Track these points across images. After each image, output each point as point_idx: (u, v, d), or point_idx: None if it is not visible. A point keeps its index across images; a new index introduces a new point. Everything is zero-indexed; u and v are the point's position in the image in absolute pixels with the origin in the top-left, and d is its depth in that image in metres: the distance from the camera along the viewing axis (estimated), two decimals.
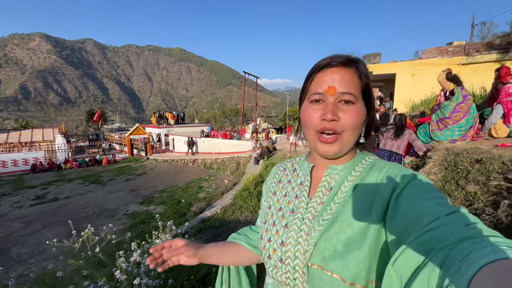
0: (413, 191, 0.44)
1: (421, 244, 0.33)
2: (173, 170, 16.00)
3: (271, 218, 0.66)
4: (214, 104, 55.62)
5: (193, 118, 37.33)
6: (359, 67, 0.57)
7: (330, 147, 0.55)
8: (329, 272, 0.48)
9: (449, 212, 0.36)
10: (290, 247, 0.57)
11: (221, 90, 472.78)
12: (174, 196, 10.77)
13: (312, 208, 0.58)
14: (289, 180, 0.70)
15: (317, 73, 0.58)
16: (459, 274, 0.24)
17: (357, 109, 0.55)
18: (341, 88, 0.54)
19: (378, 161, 0.58)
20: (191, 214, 8.11)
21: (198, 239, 4.88)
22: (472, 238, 0.29)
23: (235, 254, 0.75)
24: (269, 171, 11.06)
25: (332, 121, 0.53)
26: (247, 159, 14.74)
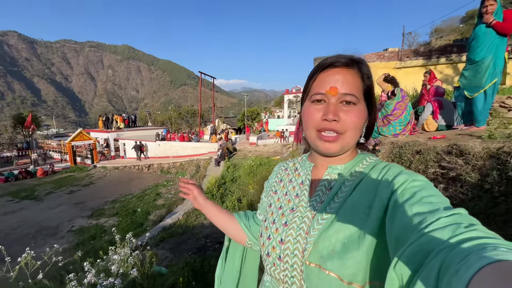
0: (413, 192, 0.44)
1: (421, 246, 0.33)
2: (126, 177, 14.73)
3: (271, 216, 0.66)
4: (169, 105, 52.93)
5: (146, 120, 34.94)
6: (362, 68, 0.57)
7: (331, 145, 0.56)
8: (326, 271, 0.49)
9: (449, 213, 0.36)
10: (289, 245, 0.57)
11: (175, 90, 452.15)
12: (129, 205, 9.93)
13: (311, 207, 0.58)
14: (290, 179, 0.70)
15: (320, 73, 0.58)
16: (458, 276, 0.24)
17: (358, 110, 0.55)
18: (343, 89, 0.54)
19: (378, 161, 0.59)
20: (150, 224, 7.59)
21: (160, 249, 4.58)
22: (471, 240, 0.29)
23: (227, 223, 0.81)
24: (230, 172, 10.98)
25: (333, 121, 0.54)
26: (207, 161, 14.41)
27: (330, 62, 0.57)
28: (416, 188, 0.45)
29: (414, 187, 0.45)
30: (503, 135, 2.30)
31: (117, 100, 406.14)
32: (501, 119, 4.21)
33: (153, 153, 18.27)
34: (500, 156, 1.69)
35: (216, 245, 4.71)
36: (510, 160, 1.59)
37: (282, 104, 34.49)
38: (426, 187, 0.45)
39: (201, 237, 5.13)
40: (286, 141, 17.10)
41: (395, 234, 0.41)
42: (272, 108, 43.96)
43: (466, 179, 1.87)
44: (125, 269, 2.58)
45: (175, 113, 35.43)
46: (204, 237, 5.13)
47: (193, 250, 4.57)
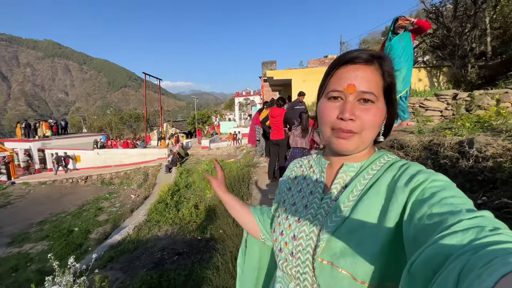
0: (433, 192, 0.42)
1: (441, 247, 0.32)
2: (57, 193, 12.66)
3: (284, 213, 0.65)
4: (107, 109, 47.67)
5: (80, 126, 30.75)
6: (383, 65, 0.55)
7: (346, 143, 0.54)
8: (339, 269, 0.48)
9: (472, 216, 0.34)
10: (301, 241, 0.56)
11: (114, 93, 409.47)
12: (62, 225, 8.58)
13: (325, 204, 0.58)
14: (304, 176, 0.69)
15: (338, 69, 0.55)
16: (480, 281, 0.23)
17: (376, 108, 0.53)
18: (362, 87, 0.52)
19: (397, 160, 0.57)
20: (92, 243, 6.68)
21: (109, 271, 4.04)
22: (496, 244, 0.28)
23: (245, 217, 0.82)
24: (184, 178, 10.48)
25: (350, 120, 0.52)
26: (156, 168, 13.46)
27: (350, 57, 0.54)
28: (436, 188, 0.43)
29: (435, 187, 0.43)
30: (428, 130, 2.75)
31: (40, 103, 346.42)
32: (421, 116, 5.03)
33: (91, 163, 16.15)
34: (432, 147, 2.01)
35: (175, 257, 4.40)
36: (440, 150, 1.91)
37: (232, 106, 34.57)
38: (448, 187, 0.43)
39: (157, 251, 4.73)
40: (239, 143, 17.20)
41: (413, 234, 0.40)
42: (223, 111, 43.71)
43: None
44: None
45: (116, 117, 32.13)
46: (160, 250, 4.75)
47: (149, 265, 4.18)
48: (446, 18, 8.88)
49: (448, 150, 1.85)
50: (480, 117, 2.35)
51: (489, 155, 1.59)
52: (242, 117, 29.99)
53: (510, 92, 4.18)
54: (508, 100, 4.12)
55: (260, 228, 0.79)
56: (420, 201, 0.43)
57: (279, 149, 4.61)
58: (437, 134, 2.29)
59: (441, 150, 1.91)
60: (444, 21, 8.68)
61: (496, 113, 2.63)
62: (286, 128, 4.53)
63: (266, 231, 0.78)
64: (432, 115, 4.95)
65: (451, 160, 1.77)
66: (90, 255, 3.40)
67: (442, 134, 2.23)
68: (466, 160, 1.70)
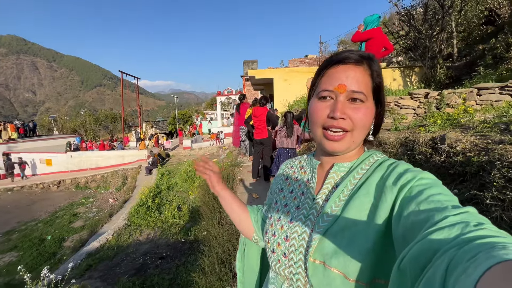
0: (421, 189, 0.44)
1: (428, 243, 0.33)
2: (26, 200, 11.80)
3: (276, 214, 0.66)
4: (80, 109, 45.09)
5: (51, 128, 28.85)
6: (372, 66, 0.56)
7: (336, 144, 0.55)
8: (331, 268, 0.49)
9: (457, 212, 0.36)
10: (294, 242, 0.57)
11: (88, 92, 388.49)
12: (33, 234, 8.02)
13: (317, 204, 0.58)
14: (296, 177, 0.70)
15: (328, 69, 0.56)
16: (466, 275, 0.24)
17: (366, 108, 0.54)
18: (352, 87, 0.53)
19: (386, 159, 0.58)
20: (67, 251, 6.32)
21: (87, 280, 3.84)
22: (481, 238, 0.29)
23: (240, 215, 0.81)
24: (165, 180, 10.20)
25: (340, 119, 0.53)
26: (136, 170, 12.98)
27: (340, 58, 0.55)
28: (424, 186, 0.44)
29: (422, 185, 0.45)
30: (404, 127, 2.90)
31: (5, 104, 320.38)
32: (396, 114, 5.29)
33: (63, 167, 15.23)
34: (408, 144, 2.12)
35: (158, 261, 4.28)
36: (416, 146, 2.02)
37: (214, 106, 34.17)
38: (434, 185, 0.44)
39: (139, 256, 4.57)
40: (222, 143, 17.05)
41: (401, 231, 0.41)
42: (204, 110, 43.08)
43: None
44: None
45: (90, 118, 30.54)
46: (142, 254, 4.59)
47: (131, 272, 4.03)
48: (417, 21, 9.39)
49: (423, 146, 1.96)
50: (450, 114, 2.52)
51: (459, 150, 1.71)
52: (224, 116, 29.75)
53: (475, 91, 4.51)
54: (473, 99, 4.44)
55: (255, 228, 0.79)
56: (408, 198, 0.44)
57: (263, 148, 4.63)
58: (412, 131, 2.42)
59: (416, 146, 2.02)
60: (415, 24, 9.17)
61: (463, 111, 2.83)
62: (269, 127, 4.56)
63: (260, 231, 0.78)
64: (406, 113, 5.22)
65: (425, 155, 1.88)
66: (65, 264, 3.21)
67: (417, 131, 2.37)
68: (439, 155, 1.82)
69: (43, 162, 15.34)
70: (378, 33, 3.53)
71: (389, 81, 9.88)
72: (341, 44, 29.67)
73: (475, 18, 9.10)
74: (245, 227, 0.81)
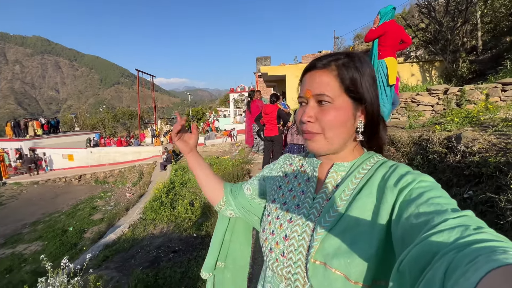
0: (420, 192, 0.44)
1: (428, 246, 0.33)
2: (50, 193, 12.50)
3: (275, 212, 0.65)
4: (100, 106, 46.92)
5: (72, 125, 30.25)
6: (339, 66, 0.56)
7: (312, 143, 0.58)
8: (333, 269, 0.48)
9: (457, 215, 0.36)
10: (293, 242, 0.56)
11: (106, 90, 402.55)
12: (56, 225, 8.50)
13: (317, 204, 0.58)
14: (295, 175, 0.69)
15: (303, 77, 0.61)
16: (465, 278, 0.24)
17: (334, 108, 0.55)
18: (316, 90, 0.56)
19: (386, 160, 0.59)
20: (87, 243, 6.65)
21: (104, 270, 4.03)
22: (480, 242, 0.29)
23: (208, 177, 0.84)
24: (179, 176, 10.43)
25: (308, 122, 0.57)
26: (151, 166, 13.36)
27: (309, 66, 0.59)
28: (423, 188, 0.45)
29: (422, 188, 0.45)
30: (419, 125, 2.79)
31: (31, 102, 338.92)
32: (413, 112, 5.08)
33: (84, 162, 15.97)
34: (422, 143, 2.04)
35: (170, 255, 4.42)
36: (429, 145, 1.94)
37: (227, 103, 34.38)
38: (434, 188, 0.45)
39: (152, 249, 4.73)
40: (235, 139, 17.15)
41: (401, 233, 0.41)
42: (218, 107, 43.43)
43: None
44: None
45: (109, 115, 31.72)
46: (156, 247, 4.75)
47: (145, 264, 4.18)
48: (438, 12, 8.92)
49: (437, 146, 1.88)
50: (469, 112, 2.39)
51: (476, 150, 1.62)
52: (237, 113, 29.89)
53: (499, 86, 4.24)
54: (497, 95, 4.19)
55: (225, 192, 0.81)
56: (408, 201, 0.44)
57: (273, 145, 4.62)
58: (427, 130, 2.33)
59: (430, 145, 1.94)
60: (436, 16, 8.72)
61: (484, 108, 2.68)
62: (279, 124, 4.54)
63: (230, 195, 0.81)
64: (424, 110, 5.01)
65: (439, 155, 1.80)
66: (84, 255, 3.38)
67: (432, 129, 2.27)
68: (454, 155, 1.73)
69: (66, 157, 16.15)
70: (392, 26, 3.38)
71: (407, 76, 9.50)
72: (357, 39, 28.76)
73: (503, 8, 8.51)
74: (211, 189, 0.83)
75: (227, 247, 0.86)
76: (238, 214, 0.82)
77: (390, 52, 3.44)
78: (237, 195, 0.81)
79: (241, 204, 0.80)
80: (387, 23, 3.35)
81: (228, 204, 0.81)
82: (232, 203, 0.81)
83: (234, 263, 0.86)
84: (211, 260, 0.84)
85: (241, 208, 0.80)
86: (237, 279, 0.86)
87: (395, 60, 3.54)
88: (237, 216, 0.83)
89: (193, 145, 0.84)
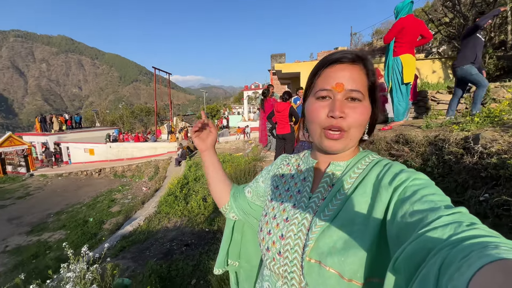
0: (414, 190, 0.44)
1: (422, 243, 0.33)
2: (73, 185, 13.19)
3: (272, 211, 0.65)
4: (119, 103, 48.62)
5: (93, 120, 31.61)
6: (367, 65, 0.57)
7: (335, 143, 0.56)
8: (327, 267, 0.49)
9: (450, 212, 0.37)
10: (289, 241, 0.57)
11: (125, 87, 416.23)
12: (78, 216, 8.95)
13: (313, 203, 0.58)
14: (292, 175, 0.70)
15: (325, 69, 0.57)
16: (459, 273, 0.24)
17: (363, 106, 0.55)
18: (350, 86, 0.54)
19: (380, 159, 0.59)
20: (106, 233, 6.97)
21: (120, 259, 4.23)
22: (473, 238, 0.30)
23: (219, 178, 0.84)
24: (193, 171, 10.64)
25: (340, 118, 0.54)
26: (167, 161, 13.72)
27: (336, 58, 0.56)
28: (417, 186, 0.45)
29: (416, 185, 0.46)
30: (436, 125, 2.69)
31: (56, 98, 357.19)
32: (432, 110, 4.88)
33: (103, 156, 16.67)
34: (437, 143, 1.97)
35: (183, 248, 4.55)
36: (445, 146, 1.87)
37: (241, 100, 34.49)
38: (428, 186, 0.45)
39: (166, 241, 4.89)
40: (248, 137, 17.22)
41: (396, 231, 0.41)
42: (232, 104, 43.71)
43: (412, 164, 2.14)
44: (83, 286, 2.33)
45: (127, 111, 32.81)
46: (169, 240, 4.91)
47: (159, 255, 4.34)
48: (463, 6, 8.46)
49: (453, 146, 1.81)
50: (491, 111, 2.27)
51: (494, 151, 1.55)
52: (251, 111, 29.91)
53: None
54: None
55: (231, 198, 0.82)
56: (402, 199, 0.45)
57: (285, 143, 4.61)
58: (444, 129, 2.24)
59: (446, 146, 1.87)
60: (461, 9, 8.28)
61: (508, 107, 2.54)
62: (291, 122, 4.52)
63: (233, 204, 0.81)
64: (444, 108, 4.79)
65: (455, 156, 1.74)
66: (103, 245, 3.57)
67: (449, 129, 2.18)
68: (471, 156, 1.66)
69: (87, 151, 16.93)
70: (410, 21, 3.25)
71: (427, 73, 9.11)
72: (376, 34, 27.76)
73: None
74: (220, 191, 0.84)
75: (238, 247, 0.87)
76: (239, 216, 0.82)
77: (406, 48, 3.32)
78: (237, 198, 0.81)
79: (241, 207, 0.81)
80: (404, 18, 3.23)
81: (231, 208, 0.82)
82: (233, 205, 0.81)
83: (248, 262, 0.87)
84: (221, 258, 0.85)
85: (241, 211, 0.81)
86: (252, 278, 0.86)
87: (412, 57, 3.41)
88: (239, 219, 0.84)
89: (210, 144, 0.82)
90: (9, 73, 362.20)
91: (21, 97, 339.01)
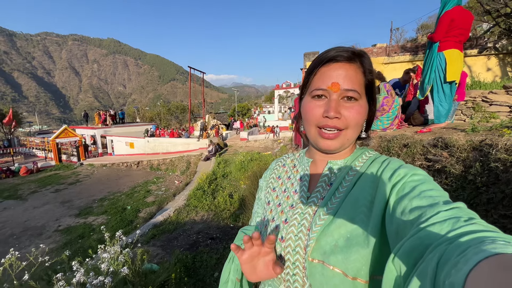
0: (413, 185, 0.44)
1: (420, 239, 0.33)
2: (114, 175, 14.43)
3: (270, 214, 0.64)
4: (157, 101, 52.05)
5: (134, 116, 34.21)
6: (364, 63, 0.55)
7: (331, 142, 0.55)
8: (330, 266, 0.48)
9: (448, 207, 0.36)
10: (290, 243, 0.56)
11: (164, 86, 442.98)
12: (118, 203, 9.76)
13: (312, 203, 0.57)
14: (288, 176, 0.69)
15: (321, 67, 0.56)
16: (456, 269, 0.24)
17: (360, 106, 0.54)
18: (345, 85, 0.53)
19: (378, 156, 0.58)
20: (140, 221, 7.48)
21: (151, 246, 4.53)
22: (470, 233, 0.29)
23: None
24: (221, 168, 10.93)
25: (335, 118, 0.53)
26: (198, 157, 14.29)
27: (332, 56, 0.54)
28: (416, 182, 0.45)
29: (414, 181, 0.45)
30: (485, 128, 2.39)
31: (104, 95, 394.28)
32: (483, 112, 4.36)
33: (141, 150, 17.97)
34: (483, 148, 1.75)
35: (208, 241, 4.71)
36: (492, 152, 1.66)
37: (272, 99, 34.46)
38: (426, 181, 0.45)
39: (193, 233, 5.11)
40: (277, 136, 17.15)
41: (395, 227, 0.41)
42: (263, 103, 43.90)
43: (451, 170, 1.93)
44: (116, 267, 2.54)
45: (164, 109, 34.82)
46: (196, 233, 5.12)
47: (185, 246, 4.55)
48: None
49: (502, 152, 1.59)
50: None
51: None
52: (281, 110, 29.73)
53: None
54: None
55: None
56: (401, 195, 0.44)
57: None
58: (493, 133, 1.98)
59: (493, 151, 1.66)
60: None
61: None
62: None
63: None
64: (498, 110, 4.25)
65: (504, 163, 1.52)
66: (136, 231, 3.86)
67: (499, 133, 1.92)
68: None
69: (128, 144, 18.38)
70: (459, 13, 2.89)
71: (480, 71, 8.17)
72: (422, 29, 25.47)
73: None
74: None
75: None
76: None
77: (453, 43, 3.00)
78: None
79: None
80: (450, 10, 2.90)
81: None
82: None
83: None
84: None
85: None
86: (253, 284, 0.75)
87: (459, 53, 3.06)
88: None
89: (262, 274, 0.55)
90: (67, 72, 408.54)
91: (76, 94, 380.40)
